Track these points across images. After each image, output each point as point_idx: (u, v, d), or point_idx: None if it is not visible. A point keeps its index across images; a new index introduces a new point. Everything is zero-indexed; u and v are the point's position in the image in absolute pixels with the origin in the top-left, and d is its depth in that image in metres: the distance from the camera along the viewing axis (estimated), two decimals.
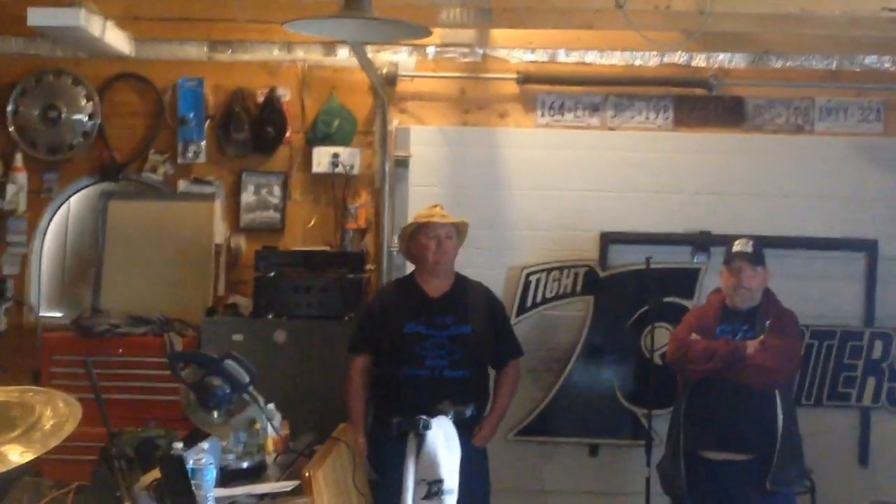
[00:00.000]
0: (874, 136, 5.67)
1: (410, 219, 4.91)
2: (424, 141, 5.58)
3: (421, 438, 3.54)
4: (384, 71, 5.29)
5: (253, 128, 5.14)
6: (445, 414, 3.96)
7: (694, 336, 4.59)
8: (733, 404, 4.36)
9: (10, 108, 5.09)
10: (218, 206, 5.13)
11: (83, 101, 5.16)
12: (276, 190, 5.15)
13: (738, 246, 4.49)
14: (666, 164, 5.69)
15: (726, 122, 5.71)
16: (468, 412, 4.36)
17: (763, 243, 4.94)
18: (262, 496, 3.00)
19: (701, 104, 5.61)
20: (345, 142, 5.29)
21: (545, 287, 5.59)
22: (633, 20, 4.24)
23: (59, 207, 5.37)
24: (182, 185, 5.18)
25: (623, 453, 5.31)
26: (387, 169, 5.30)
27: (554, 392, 5.50)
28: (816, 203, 5.67)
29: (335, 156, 5.15)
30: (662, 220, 5.67)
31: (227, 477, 2.96)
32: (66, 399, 2.39)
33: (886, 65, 5.46)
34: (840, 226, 5.64)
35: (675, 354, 4.59)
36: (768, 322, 4.54)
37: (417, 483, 3.59)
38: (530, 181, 5.68)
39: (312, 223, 5.23)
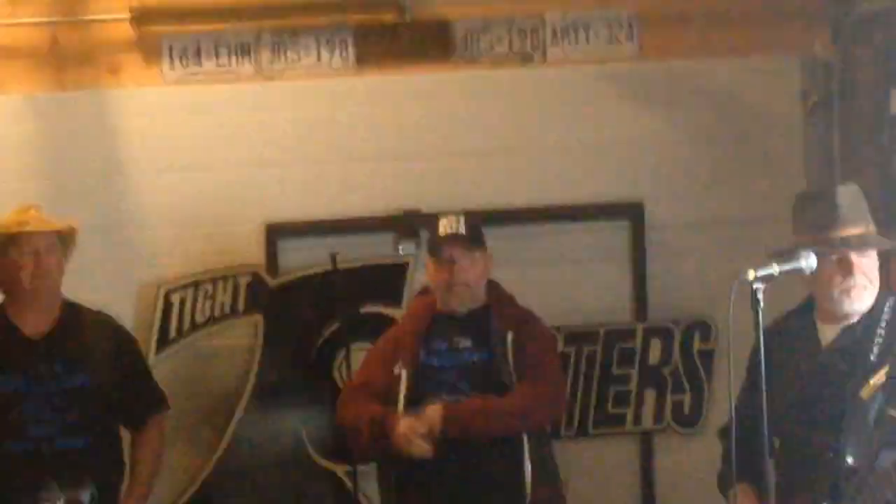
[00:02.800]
0: (627, 61, 6.90)
1: None
2: (2, 116, 6.45)
3: None
4: None
5: None
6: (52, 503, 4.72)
7: (398, 371, 5.40)
8: (461, 458, 5.14)
9: None
10: None
11: None
12: None
13: (444, 226, 5.29)
14: (349, 120, 6.75)
15: (428, 57, 6.81)
16: (85, 497, 5.11)
17: (486, 219, 5.90)
18: None
19: (392, 34, 6.76)
20: None
21: (194, 308, 6.66)
22: None
23: None
24: None
25: None
26: None
27: (219, 454, 6.36)
28: (557, 159, 6.83)
29: None
30: (353, 200, 6.74)
31: None
32: None
33: None
34: (592, 187, 6.83)
35: (343, 418, 5.60)
36: (510, 336, 5.39)
37: None
38: (161, 161, 6.42)
39: None
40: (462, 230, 5.33)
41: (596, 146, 7.06)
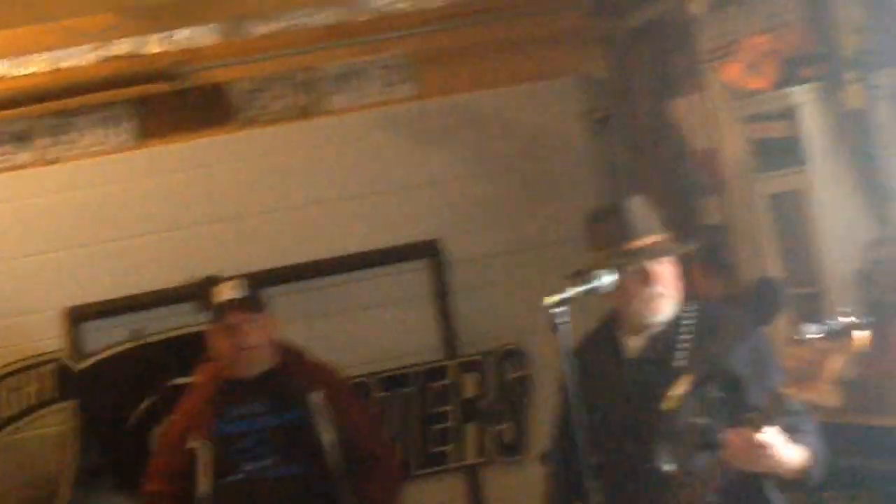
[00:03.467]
0: (408, 102, 7.74)
1: None
2: None
3: None
4: None
5: None
6: None
7: (193, 445, 5.89)
8: None
9: None
10: None
11: None
12: None
13: (223, 293, 5.71)
14: (136, 193, 7.53)
15: (209, 122, 7.60)
16: None
17: (282, 276, 6.85)
18: None
19: (170, 103, 7.54)
20: None
21: (2, 404, 7.36)
22: (45, 9, 5.92)
23: None
24: None
25: None
26: None
27: None
28: (349, 207, 7.66)
29: None
30: (153, 273, 7.49)
31: None
32: None
33: (401, 5, 7.48)
34: (387, 232, 7.66)
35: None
36: (315, 396, 5.87)
37: None
38: None
39: None
40: (241, 294, 5.69)
41: (385, 190, 7.84)
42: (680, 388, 4.49)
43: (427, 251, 7.87)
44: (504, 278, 7.81)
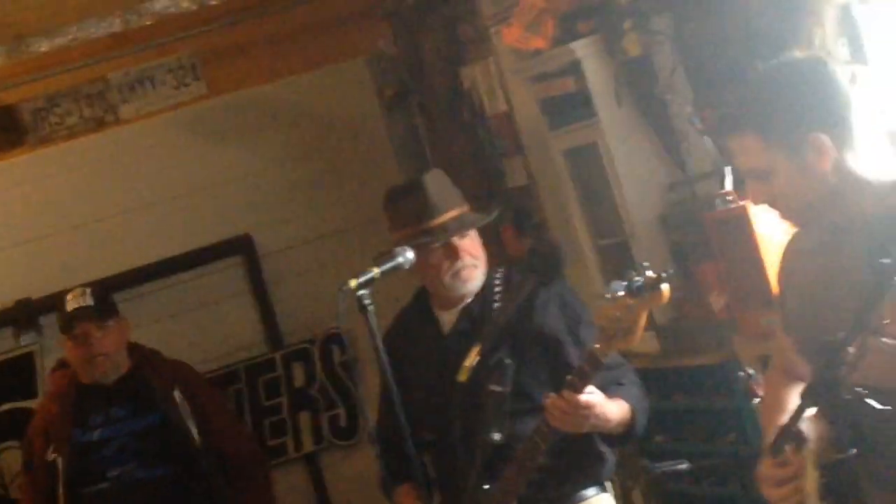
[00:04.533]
0: (199, 102, 7.58)
1: None
2: None
3: None
4: None
5: None
6: None
7: (51, 457, 5.74)
8: None
9: None
10: None
11: None
12: None
13: (72, 302, 5.53)
14: None
15: (4, 144, 7.38)
16: None
17: (110, 285, 6.39)
18: None
19: None
20: None
21: None
22: None
23: None
24: None
25: None
26: None
27: None
28: (156, 213, 7.53)
29: None
30: None
31: None
32: None
33: (185, 4, 7.17)
34: (198, 232, 7.54)
35: None
36: (178, 394, 5.77)
37: None
38: None
39: None
40: (89, 302, 5.55)
41: (190, 191, 7.69)
42: (471, 358, 4.44)
43: (240, 247, 7.77)
44: (318, 265, 7.72)
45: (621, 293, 3.80)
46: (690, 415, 5.54)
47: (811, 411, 2.94)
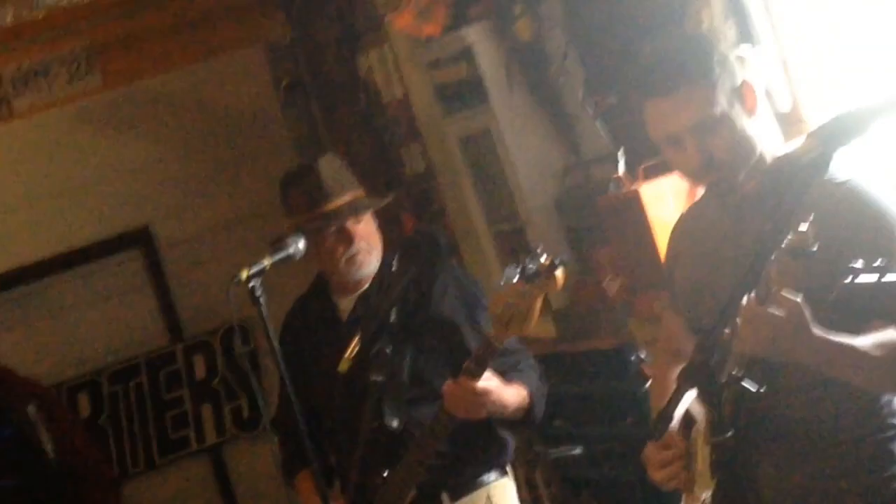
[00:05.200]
0: (94, 94, 7.45)
1: None
2: None
3: None
4: None
5: None
6: None
7: None
8: None
9: None
10: None
11: None
12: None
13: None
14: None
15: None
16: None
17: (9, 280, 6.57)
18: None
19: None
20: None
21: None
22: None
23: None
24: None
25: None
26: None
27: None
28: (50, 208, 7.38)
29: None
30: None
31: None
32: None
33: None
34: (95, 226, 7.39)
35: None
36: (32, 410, 5.50)
37: None
38: None
39: None
40: None
41: (87, 184, 7.55)
42: (351, 349, 4.37)
43: (138, 239, 7.64)
44: (218, 255, 7.51)
45: (515, 279, 3.75)
46: (588, 399, 5.50)
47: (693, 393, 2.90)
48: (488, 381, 4.03)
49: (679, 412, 3.00)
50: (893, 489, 3.01)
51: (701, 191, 3.32)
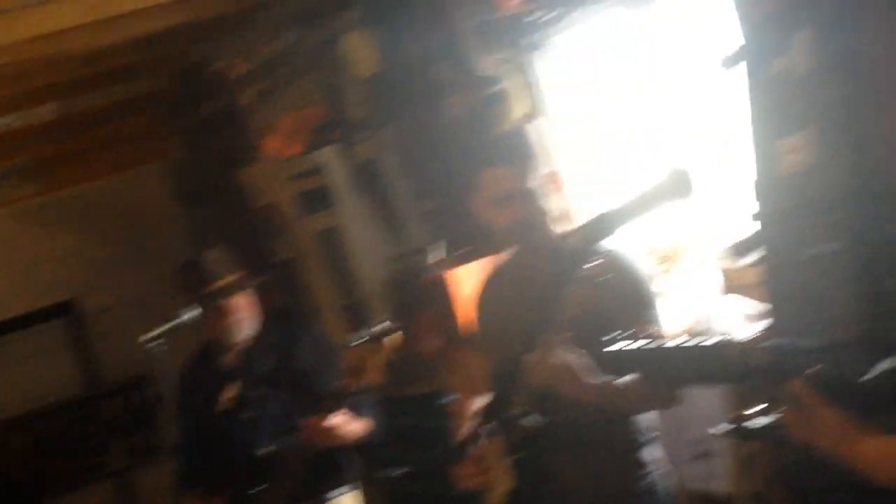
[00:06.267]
0: (31, 199, 7.44)
1: None
2: None
3: None
4: None
5: None
6: None
7: None
8: None
9: None
10: None
11: None
12: None
13: None
14: None
15: None
16: None
17: None
18: None
19: None
20: None
21: None
22: None
23: None
24: None
25: None
26: None
27: None
28: None
29: None
30: None
31: None
32: None
33: (17, 123, 6.82)
34: (24, 299, 7.33)
35: None
36: None
37: None
38: None
39: None
40: None
41: (22, 266, 7.54)
42: (231, 391, 4.42)
43: (63, 311, 7.63)
44: (131, 321, 7.23)
45: (361, 341, 4.00)
46: (412, 431, 5.55)
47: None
48: (339, 417, 4.13)
49: (482, 432, 3.09)
50: (641, 485, 3.17)
51: (500, 261, 3.38)
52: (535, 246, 3.15)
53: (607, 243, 2.96)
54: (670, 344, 2.33)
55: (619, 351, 2.40)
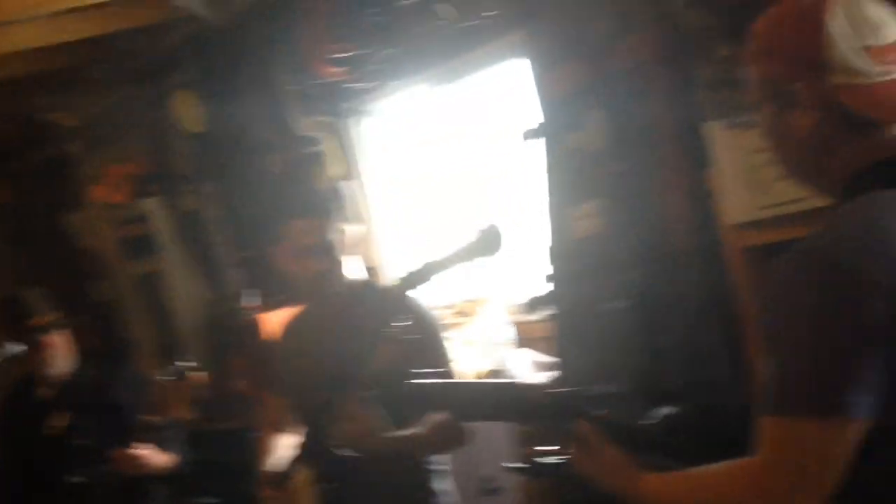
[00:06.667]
0: None
1: None
2: None
3: None
4: None
5: None
6: None
7: None
8: None
9: None
10: None
11: None
12: None
13: None
14: None
15: None
16: None
17: None
18: None
19: None
20: None
21: None
22: None
23: None
24: None
25: None
26: None
27: None
28: None
29: None
30: None
31: None
32: None
33: None
34: None
35: None
36: None
37: None
38: None
39: None
40: None
41: None
42: (60, 420, 4.24)
43: None
44: None
45: (170, 378, 3.85)
46: (221, 464, 5.38)
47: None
48: (146, 449, 4.01)
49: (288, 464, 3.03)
50: None
51: (299, 310, 3.31)
52: (333, 297, 3.08)
53: (417, 294, 2.93)
54: (467, 381, 2.29)
55: (421, 385, 2.32)
